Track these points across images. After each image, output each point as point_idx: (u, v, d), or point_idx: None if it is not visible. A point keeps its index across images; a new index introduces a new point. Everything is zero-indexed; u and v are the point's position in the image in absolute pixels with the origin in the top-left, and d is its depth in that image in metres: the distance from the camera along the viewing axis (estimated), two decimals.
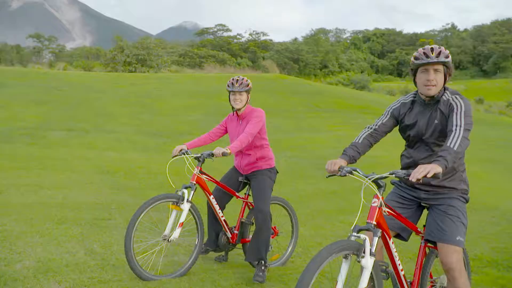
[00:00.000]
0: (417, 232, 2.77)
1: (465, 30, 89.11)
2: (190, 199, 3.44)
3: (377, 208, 2.27)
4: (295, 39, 76.39)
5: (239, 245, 3.91)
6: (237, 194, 3.86)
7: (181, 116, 10.36)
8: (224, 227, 3.77)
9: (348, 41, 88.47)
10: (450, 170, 2.64)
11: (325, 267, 2.08)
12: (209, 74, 20.91)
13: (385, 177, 2.27)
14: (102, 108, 10.54)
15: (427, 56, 2.53)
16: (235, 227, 3.89)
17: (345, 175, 2.39)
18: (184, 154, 3.60)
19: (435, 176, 2.15)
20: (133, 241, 3.21)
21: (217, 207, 3.71)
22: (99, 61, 29.82)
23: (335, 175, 2.46)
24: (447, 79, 2.62)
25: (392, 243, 2.43)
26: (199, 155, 3.57)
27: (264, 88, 16.71)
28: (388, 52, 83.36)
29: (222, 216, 3.74)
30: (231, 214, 4.23)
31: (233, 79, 3.75)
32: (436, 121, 2.63)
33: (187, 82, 16.26)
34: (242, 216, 3.90)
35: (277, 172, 3.91)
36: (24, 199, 4.82)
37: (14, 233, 3.96)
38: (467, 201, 2.80)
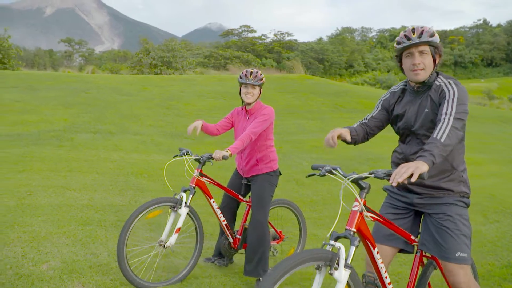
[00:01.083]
0: (411, 241, 2.45)
1: (498, 25, 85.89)
2: (188, 203, 3.28)
3: (358, 213, 2.01)
4: (320, 38, 75.74)
5: (242, 250, 3.79)
6: (240, 197, 3.72)
7: (205, 117, 10.41)
8: (226, 232, 3.64)
9: (374, 40, 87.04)
10: (447, 169, 2.35)
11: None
12: (233, 75, 20.98)
13: (365, 178, 2.02)
14: (128, 110, 10.73)
15: (409, 38, 2.27)
16: (237, 231, 3.75)
17: (324, 175, 2.16)
18: (184, 155, 3.45)
19: (420, 176, 1.84)
20: (127, 246, 3.09)
21: (218, 211, 3.58)
22: (126, 64, 30.43)
23: (315, 174, 2.24)
24: (438, 61, 2.34)
25: (377, 252, 2.16)
26: (199, 156, 3.41)
27: (288, 88, 16.61)
28: None
29: (223, 221, 3.61)
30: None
31: (246, 71, 3.55)
32: (426, 110, 2.32)
33: (212, 83, 16.36)
34: (246, 220, 3.77)
35: (280, 174, 3.72)
36: (52, 200, 4.93)
37: (41, 234, 4.05)
38: (467, 206, 2.44)
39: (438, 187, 2.37)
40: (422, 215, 2.52)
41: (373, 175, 2.00)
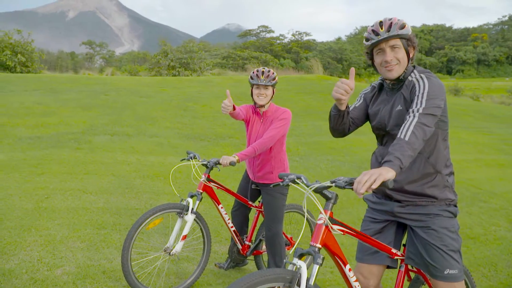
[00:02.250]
0: (393, 255, 2.21)
1: None
2: (195, 210, 3.19)
3: (323, 227, 1.80)
4: (339, 38, 75.06)
5: (251, 257, 3.72)
6: (249, 202, 3.60)
7: (221, 119, 10.39)
8: (234, 238, 3.54)
9: None
10: (430, 172, 2.13)
11: None
12: None
13: (327, 187, 1.84)
14: (145, 112, 10.80)
15: (377, 34, 2.09)
16: (246, 237, 3.66)
17: (288, 185, 2.01)
18: (192, 159, 3.34)
19: (383, 184, 1.65)
20: (132, 253, 3.02)
21: (226, 217, 3.49)
22: (145, 65, 30.79)
23: (279, 184, 2.07)
24: (412, 54, 2.15)
25: (350, 270, 1.97)
26: (206, 161, 3.29)
27: (306, 89, 16.47)
28: (436, 49, 79.94)
29: (232, 227, 3.52)
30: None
31: (257, 71, 3.35)
32: (399, 107, 2.14)
33: (229, 85, 16.36)
34: (255, 225, 3.68)
35: None
36: (68, 204, 4.97)
37: (57, 238, 4.08)
38: (455, 215, 2.19)
39: (421, 193, 2.14)
40: (406, 226, 2.31)
41: (334, 184, 1.82)
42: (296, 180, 2.00)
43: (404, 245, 2.31)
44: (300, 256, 1.73)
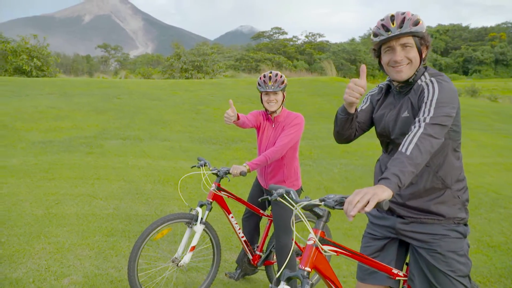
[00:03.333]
0: (394, 275, 2.01)
1: None
2: (204, 219, 3.07)
3: (313, 248, 1.65)
4: (353, 39, 74.47)
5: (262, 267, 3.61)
6: (261, 211, 3.50)
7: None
8: (245, 248, 3.44)
9: None
10: (438, 187, 1.90)
11: None
12: None
13: (316, 205, 1.67)
14: (157, 115, 10.79)
15: (387, 29, 1.85)
16: (257, 247, 3.55)
17: (276, 199, 1.87)
18: (202, 167, 3.23)
19: (378, 205, 1.46)
20: (139, 263, 2.93)
21: (236, 227, 3.37)
22: (158, 68, 30.99)
23: (267, 198, 1.95)
24: (425, 54, 1.92)
25: None
26: (216, 170, 3.18)
27: (319, 91, 16.30)
28: (452, 49, 78.72)
29: (242, 237, 3.41)
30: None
31: (264, 76, 3.19)
32: (406, 114, 1.91)
33: (241, 87, 16.29)
34: (267, 235, 3.57)
35: (302, 191, 3.47)
36: (78, 210, 4.94)
37: (66, 246, 4.04)
38: (465, 236, 1.95)
39: (427, 210, 1.92)
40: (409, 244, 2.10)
41: (323, 202, 1.64)
42: (284, 195, 1.85)
43: (407, 263, 2.12)
44: (288, 280, 1.60)
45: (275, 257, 3.61)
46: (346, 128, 2.09)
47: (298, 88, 16.50)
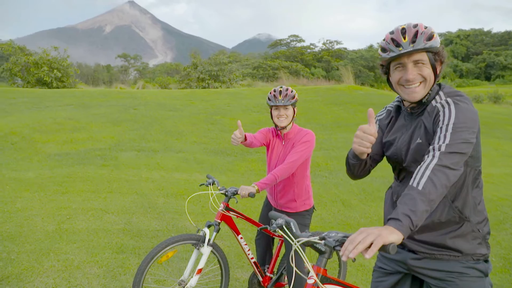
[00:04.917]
0: None
1: None
2: (212, 241, 2.95)
3: None
4: (370, 46, 73.80)
5: None
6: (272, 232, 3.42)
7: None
8: (255, 269, 3.32)
9: None
10: (454, 220, 1.68)
11: None
12: None
13: (315, 243, 1.54)
14: (172, 126, 10.79)
15: (398, 44, 1.64)
16: (268, 267, 3.42)
17: (275, 231, 1.73)
18: (210, 185, 3.13)
19: (383, 249, 1.27)
20: (143, 286, 2.81)
21: (246, 248, 3.25)
22: (175, 77, 31.28)
23: (267, 227, 1.83)
24: (439, 70, 1.70)
25: None
26: (224, 190, 3.07)
27: (336, 100, 16.08)
28: (474, 54, 77.10)
29: (252, 258, 3.29)
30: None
31: (275, 91, 3.10)
32: (419, 140, 1.71)
33: (258, 96, 16.22)
34: (278, 256, 3.44)
35: (315, 209, 3.32)
36: (89, 225, 4.90)
37: (75, 263, 3.98)
38: (486, 274, 1.72)
39: (442, 245, 1.70)
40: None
41: (323, 241, 1.51)
42: (284, 227, 1.70)
43: None
44: None
45: (286, 279, 3.47)
46: (360, 170, 1.94)
47: (315, 97, 16.32)
